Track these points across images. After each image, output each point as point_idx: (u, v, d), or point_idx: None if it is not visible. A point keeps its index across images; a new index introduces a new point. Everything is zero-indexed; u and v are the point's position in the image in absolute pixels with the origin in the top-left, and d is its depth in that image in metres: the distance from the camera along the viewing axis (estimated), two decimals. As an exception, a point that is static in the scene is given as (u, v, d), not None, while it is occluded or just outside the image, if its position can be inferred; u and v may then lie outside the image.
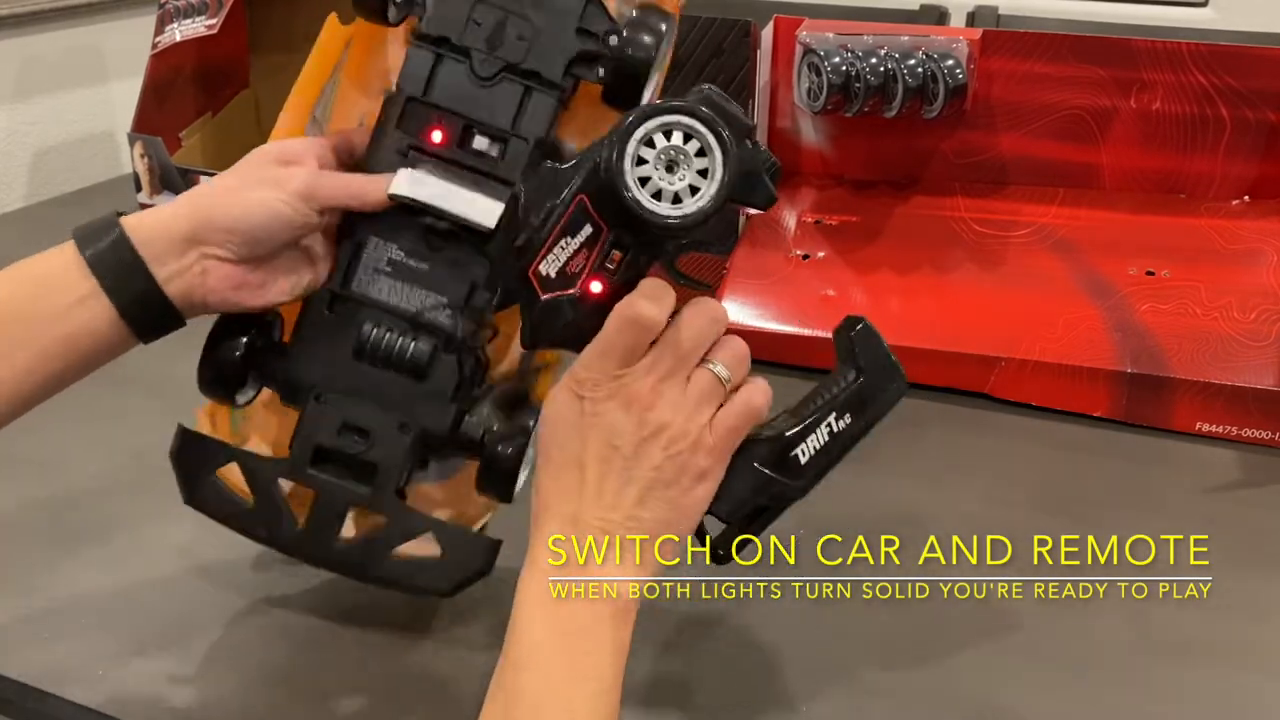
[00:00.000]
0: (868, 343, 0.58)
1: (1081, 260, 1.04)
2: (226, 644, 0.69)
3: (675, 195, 0.52)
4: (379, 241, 0.64)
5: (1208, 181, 1.04)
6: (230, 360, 0.64)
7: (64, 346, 0.59)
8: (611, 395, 0.53)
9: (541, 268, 0.54)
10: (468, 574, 0.65)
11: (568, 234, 0.54)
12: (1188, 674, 0.69)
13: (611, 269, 0.54)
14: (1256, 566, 0.79)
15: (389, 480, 0.64)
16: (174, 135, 1.39)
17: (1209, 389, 0.94)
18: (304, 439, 0.64)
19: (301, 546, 0.65)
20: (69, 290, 0.59)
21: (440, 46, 0.64)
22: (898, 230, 1.10)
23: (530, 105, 0.64)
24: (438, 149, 0.64)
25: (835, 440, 0.57)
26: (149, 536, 0.79)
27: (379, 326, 0.64)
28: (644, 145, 0.52)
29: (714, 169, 0.52)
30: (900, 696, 0.66)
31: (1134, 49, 1.02)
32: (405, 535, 0.64)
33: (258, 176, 0.61)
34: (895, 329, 1.05)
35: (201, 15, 1.33)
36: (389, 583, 0.66)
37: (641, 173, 0.52)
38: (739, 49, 1.09)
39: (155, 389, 0.65)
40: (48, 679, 0.66)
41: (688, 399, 0.54)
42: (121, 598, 0.73)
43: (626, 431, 0.53)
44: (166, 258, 0.60)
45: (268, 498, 0.65)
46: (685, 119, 0.52)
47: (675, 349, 0.54)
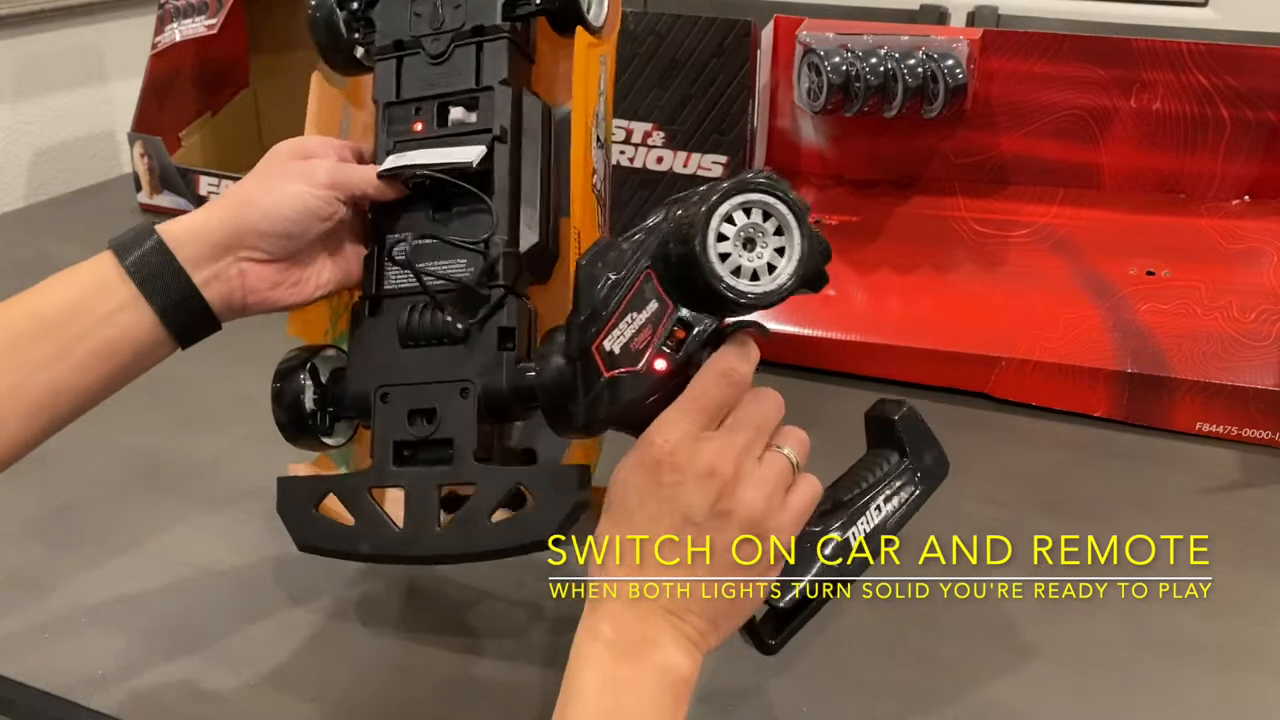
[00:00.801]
0: (914, 428, 0.58)
1: (1081, 260, 1.04)
2: (227, 645, 0.69)
3: (754, 273, 0.51)
4: (394, 238, 0.66)
5: (1208, 181, 1.04)
6: (297, 407, 0.65)
7: (104, 356, 0.59)
8: (691, 462, 0.50)
9: (606, 344, 0.52)
10: (566, 509, 0.60)
11: (633, 309, 0.52)
12: (1188, 674, 0.69)
13: (672, 348, 0.52)
14: (1256, 566, 0.79)
15: (466, 448, 0.62)
16: (174, 135, 1.39)
17: (1209, 389, 0.94)
18: (382, 440, 0.64)
19: (407, 547, 0.63)
20: (109, 298, 0.59)
21: (397, 51, 0.68)
22: (898, 230, 1.10)
23: (485, 58, 0.67)
24: (421, 135, 0.67)
25: (883, 523, 0.56)
26: (149, 538, 0.79)
27: (414, 310, 0.64)
28: (725, 222, 0.51)
29: (791, 247, 0.52)
30: (900, 696, 0.66)
31: (1134, 49, 1.02)
32: (496, 495, 0.61)
33: (283, 172, 0.63)
34: (895, 329, 1.06)
35: (201, 15, 1.33)
36: (500, 552, 0.62)
37: (722, 249, 0.51)
38: (739, 49, 1.09)
39: (157, 392, 0.64)
40: (49, 680, 0.66)
41: (766, 479, 0.52)
42: (122, 599, 0.73)
43: (703, 506, 0.50)
44: (204, 263, 0.61)
45: (364, 511, 0.63)
46: (767, 197, 0.51)
47: (751, 423, 0.52)
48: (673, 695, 0.50)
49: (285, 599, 0.73)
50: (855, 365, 1.03)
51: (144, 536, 0.79)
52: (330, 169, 0.63)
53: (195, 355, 0.65)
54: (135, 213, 1.41)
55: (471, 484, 0.63)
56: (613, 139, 0.89)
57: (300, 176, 0.62)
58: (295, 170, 0.63)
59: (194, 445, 0.90)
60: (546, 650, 0.69)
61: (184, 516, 0.82)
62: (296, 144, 0.65)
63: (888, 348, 1.01)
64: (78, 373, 0.59)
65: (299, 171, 0.63)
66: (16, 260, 1.24)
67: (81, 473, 0.86)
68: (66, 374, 0.58)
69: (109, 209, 1.44)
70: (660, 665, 0.50)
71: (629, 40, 1.13)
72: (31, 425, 0.58)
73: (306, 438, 0.66)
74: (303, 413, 0.65)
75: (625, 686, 0.49)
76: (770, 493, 0.52)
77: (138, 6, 1.63)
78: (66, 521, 0.81)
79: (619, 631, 0.50)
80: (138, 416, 0.90)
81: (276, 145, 0.65)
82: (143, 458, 0.88)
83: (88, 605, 0.72)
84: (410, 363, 0.64)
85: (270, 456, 0.73)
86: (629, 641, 0.50)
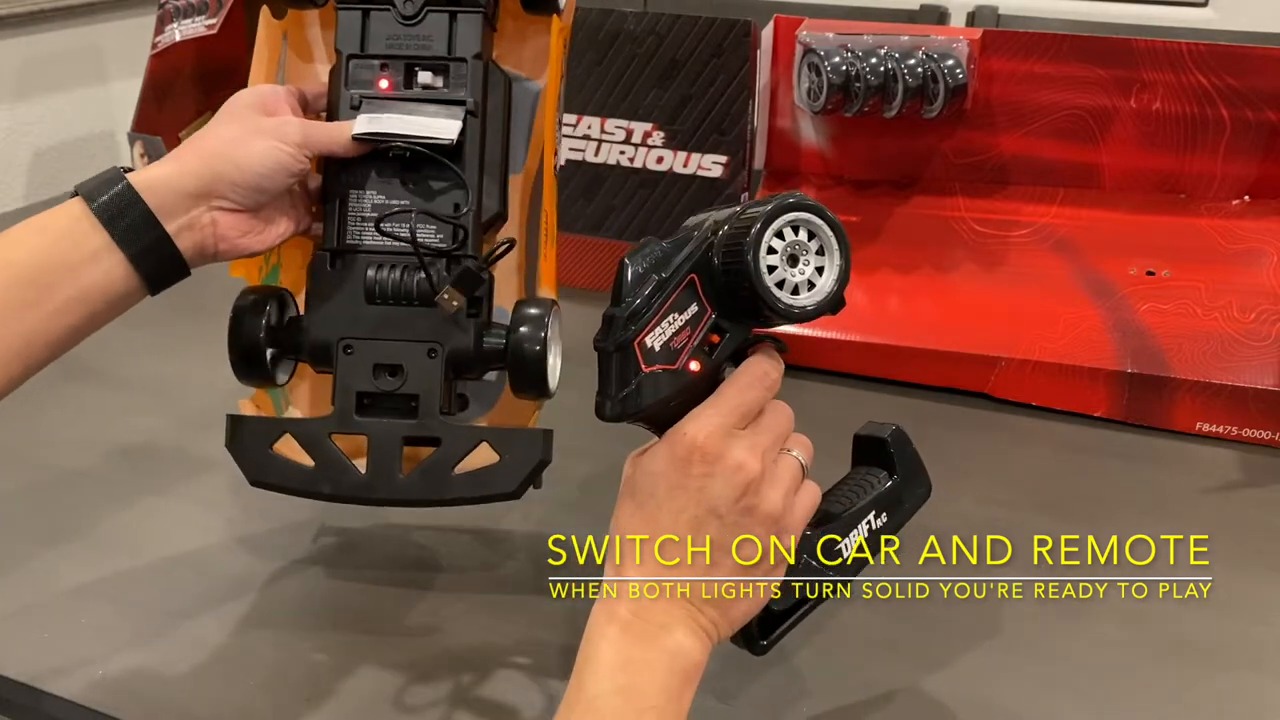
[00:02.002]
0: (903, 449, 0.61)
1: (1081, 260, 1.04)
2: (221, 640, 0.69)
3: (795, 287, 0.54)
4: (359, 193, 0.68)
5: (1208, 181, 1.04)
6: (255, 345, 0.67)
7: (76, 303, 0.59)
8: (722, 459, 0.52)
9: (648, 340, 0.54)
10: (530, 466, 0.67)
11: (675, 310, 0.54)
12: (1188, 674, 0.69)
13: (707, 351, 0.55)
14: (1256, 566, 0.79)
15: (432, 404, 0.66)
16: (174, 135, 1.39)
17: (1209, 389, 0.94)
18: (344, 390, 0.67)
19: (369, 491, 0.67)
20: (80, 246, 0.59)
21: (364, 2, 0.69)
22: (898, 230, 1.10)
23: (459, 28, 0.68)
24: (387, 94, 0.68)
25: (873, 537, 0.59)
26: (143, 534, 0.79)
27: (381, 268, 0.67)
28: (775, 237, 0.53)
29: (830, 265, 0.54)
30: (900, 696, 0.66)
31: (1134, 49, 1.02)
32: (460, 450, 0.66)
33: (255, 126, 0.64)
34: (895, 329, 1.06)
35: (201, 15, 1.33)
36: (461, 500, 0.68)
37: (770, 262, 0.53)
38: (739, 49, 1.09)
39: (145, 386, 0.65)
40: (44, 677, 0.66)
41: (783, 479, 0.54)
42: (117, 595, 0.73)
43: (729, 500, 0.52)
44: (176, 211, 0.61)
45: (326, 455, 0.66)
46: (814, 217, 0.54)
47: (774, 428, 0.55)
48: (682, 678, 0.52)
49: (281, 594, 0.73)
50: (855, 365, 1.03)
51: (138, 533, 0.79)
52: (301, 128, 0.64)
53: (184, 352, 0.64)
54: (135, 213, 1.41)
55: (436, 438, 0.66)
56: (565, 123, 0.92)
57: (271, 132, 0.64)
58: (267, 126, 0.64)
59: (185, 440, 0.90)
60: (544, 645, 0.69)
61: (178, 512, 0.82)
62: (256, 96, 0.66)
63: (888, 348, 1.01)
64: (50, 321, 0.59)
65: (269, 127, 0.64)
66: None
67: (76, 470, 0.86)
68: (39, 323, 0.58)
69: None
70: (673, 649, 0.52)
71: (629, 40, 1.13)
72: (4, 374, 0.58)
73: (257, 376, 0.69)
74: (260, 352, 0.68)
75: (639, 666, 0.51)
76: (786, 493, 0.54)
77: (138, 6, 1.63)
78: (61, 519, 0.80)
79: (636, 614, 0.52)
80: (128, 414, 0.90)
81: (235, 95, 0.66)
82: (135, 455, 0.88)
83: (84, 602, 0.72)
84: (377, 319, 0.67)
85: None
86: (645, 625, 0.52)
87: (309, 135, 0.64)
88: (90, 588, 0.74)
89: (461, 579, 0.75)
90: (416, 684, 0.66)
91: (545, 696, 0.65)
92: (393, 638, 0.70)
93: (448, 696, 0.66)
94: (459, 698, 0.66)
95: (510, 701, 0.65)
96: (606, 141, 1.16)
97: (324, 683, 0.66)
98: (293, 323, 0.69)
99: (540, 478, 0.67)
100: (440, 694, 0.66)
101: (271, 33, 0.74)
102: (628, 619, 0.52)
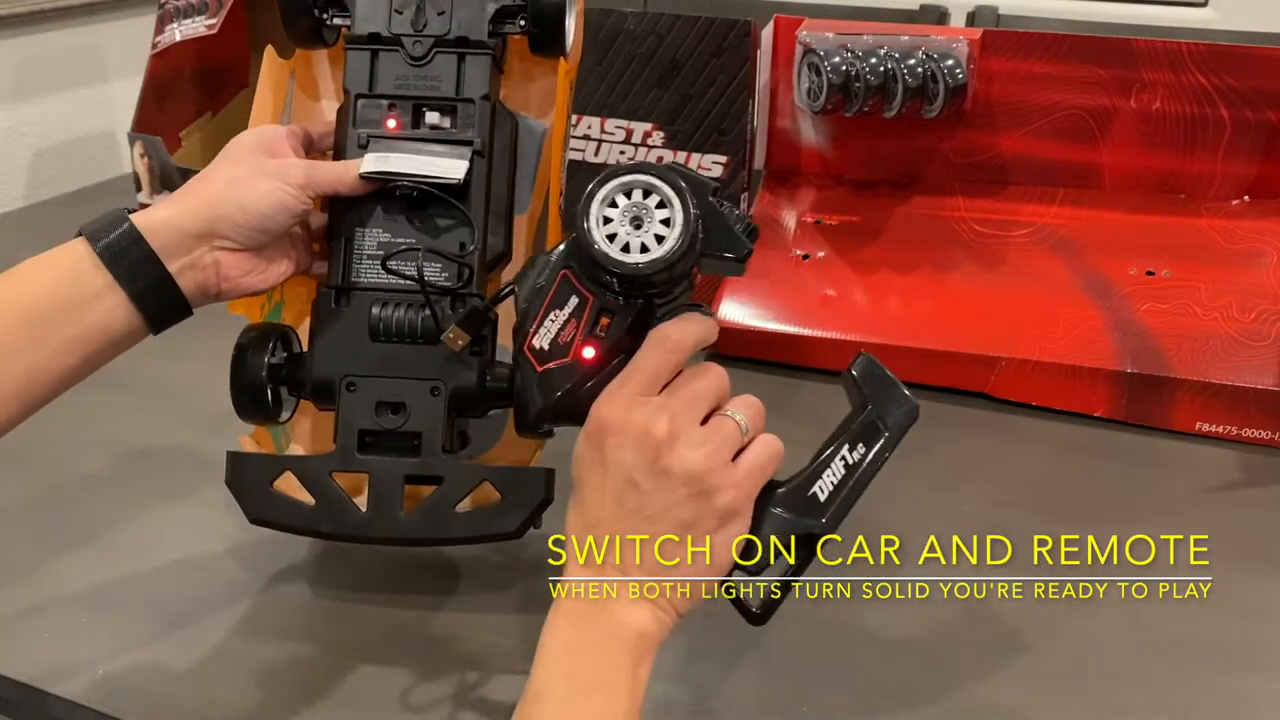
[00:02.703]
0: (869, 372, 0.58)
1: (1081, 260, 1.04)
2: (223, 641, 0.69)
3: (643, 246, 0.55)
4: (364, 231, 0.68)
5: (1208, 181, 1.04)
6: (258, 382, 0.68)
7: (79, 342, 0.60)
8: (627, 428, 0.53)
9: (535, 342, 0.56)
10: (532, 506, 0.67)
11: (555, 307, 0.56)
12: (1188, 674, 0.69)
13: (601, 335, 0.56)
14: (1256, 566, 0.79)
15: (435, 443, 0.67)
16: (174, 135, 1.39)
17: (1209, 389, 0.94)
18: (346, 428, 0.67)
19: (369, 530, 0.67)
20: (83, 286, 0.60)
21: (373, 43, 0.69)
22: (898, 230, 1.10)
23: (467, 69, 0.69)
24: (395, 133, 0.69)
25: (851, 472, 0.57)
26: (144, 536, 0.79)
27: (386, 306, 0.67)
28: (608, 206, 0.55)
29: (674, 217, 0.55)
30: (900, 696, 0.66)
31: (1134, 49, 1.02)
32: (462, 489, 0.67)
33: (259, 168, 0.64)
34: (895, 329, 1.06)
35: (201, 15, 1.33)
36: (463, 539, 0.69)
37: (609, 230, 0.55)
38: (739, 49, 1.09)
39: (148, 389, 0.65)
40: (46, 678, 0.66)
41: (707, 438, 0.54)
42: (119, 596, 0.73)
43: (642, 466, 0.52)
44: (178, 251, 0.62)
45: (326, 493, 0.67)
46: (642, 176, 0.55)
47: (687, 390, 0.55)
48: (632, 654, 0.52)
49: (282, 597, 0.73)
50: (855, 365, 1.03)
51: (139, 535, 0.79)
52: (304, 169, 0.65)
53: (187, 353, 0.65)
54: (135, 213, 1.41)
55: (438, 476, 0.67)
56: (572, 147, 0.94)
57: (275, 173, 0.64)
58: (270, 168, 0.64)
59: (186, 443, 0.90)
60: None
61: (178, 515, 0.82)
62: (258, 138, 0.66)
63: (888, 348, 1.01)
64: (52, 359, 0.59)
65: (273, 169, 0.64)
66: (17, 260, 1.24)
67: (78, 473, 0.86)
68: (40, 361, 0.59)
69: (109, 209, 1.44)
70: (612, 625, 0.52)
71: (629, 40, 1.13)
72: (4, 411, 0.59)
73: (260, 414, 0.69)
74: (263, 390, 0.68)
75: (581, 647, 0.52)
76: (711, 451, 0.53)
77: (138, 6, 1.63)
78: (62, 521, 0.81)
79: (575, 598, 0.53)
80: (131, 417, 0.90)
81: (238, 138, 0.67)
82: (138, 457, 0.88)
83: (86, 603, 0.72)
84: (380, 357, 0.67)
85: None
86: (585, 607, 0.53)
87: (312, 176, 0.65)
88: (91, 588, 0.74)
89: (461, 581, 0.75)
90: (416, 684, 0.66)
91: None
92: (393, 639, 0.70)
93: (448, 697, 0.66)
94: (459, 698, 0.66)
95: (511, 702, 0.65)
96: (606, 141, 1.17)
97: (324, 683, 0.66)
98: (295, 360, 0.69)
99: (540, 518, 0.67)
100: (440, 694, 0.66)
101: (277, 72, 0.75)
102: (569, 607, 0.53)
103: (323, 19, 0.71)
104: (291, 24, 0.71)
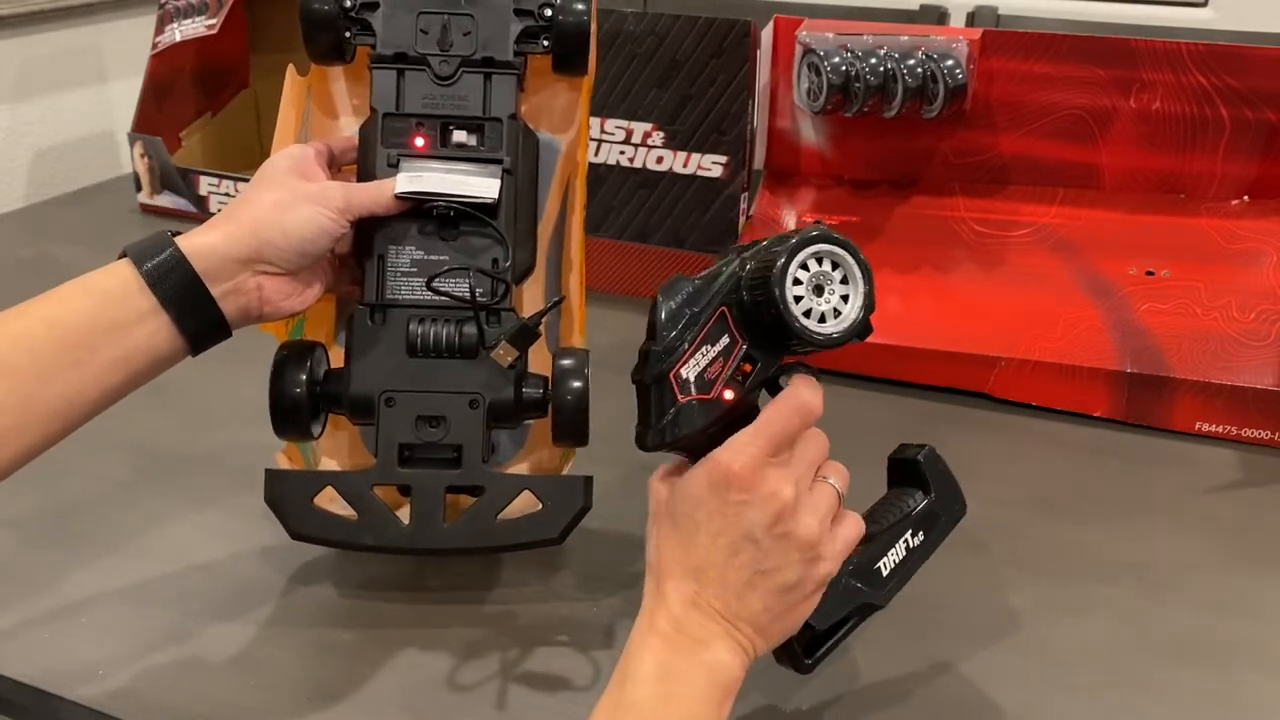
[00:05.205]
0: (935, 466, 0.63)
1: (1081, 260, 1.04)
2: (227, 644, 0.69)
3: (821, 315, 0.56)
4: (398, 249, 0.70)
5: (1208, 181, 1.04)
6: (298, 400, 0.69)
7: (120, 364, 0.60)
8: (756, 486, 0.54)
9: (683, 372, 0.56)
10: (573, 513, 0.69)
11: (708, 343, 0.56)
12: (1188, 674, 0.69)
13: (740, 380, 0.56)
14: (1256, 566, 0.79)
15: (474, 454, 0.68)
16: (174, 135, 1.39)
17: (1209, 389, 0.94)
18: (387, 442, 0.68)
19: (413, 541, 0.68)
20: (127, 307, 0.60)
21: (399, 62, 0.70)
22: (898, 230, 1.10)
23: (493, 88, 0.70)
24: (423, 152, 0.69)
25: (911, 555, 0.61)
26: (150, 538, 0.79)
27: (423, 322, 0.69)
28: (800, 269, 0.56)
29: (854, 294, 0.57)
30: (900, 696, 0.66)
31: (1134, 49, 1.02)
32: (504, 499, 0.68)
33: (299, 192, 0.65)
34: (895, 329, 1.06)
35: (201, 15, 1.33)
36: (506, 547, 0.71)
37: (796, 292, 0.55)
38: (739, 49, 1.09)
39: (157, 391, 0.65)
40: (50, 680, 0.66)
41: (819, 507, 0.56)
42: (123, 598, 0.73)
43: (764, 525, 0.54)
44: (222, 276, 0.63)
45: (369, 506, 0.68)
46: (837, 249, 0.56)
47: (807, 456, 0.56)
48: (721, 691, 0.54)
49: (286, 599, 0.73)
50: (855, 365, 1.03)
51: (144, 537, 0.79)
52: (343, 192, 0.66)
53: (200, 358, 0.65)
54: (135, 213, 1.41)
55: (479, 487, 0.68)
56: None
57: (315, 198, 0.65)
58: (310, 192, 0.65)
59: (191, 443, 0.90)
60: (557, 653, 0.69)
61: (183, 517, 0.82)
62: (291, 161, 0.67)
63: (888, 348, 1.01)
64: (93, 380, 0.60)
65: (313, 193, 0.65)
66: (17, 260, 1.24)
67: (82, 474, 0.86)
68: (82, 382, 0.59)
69: (109, 209, 1.44)
70: (711, 663, 0.53)
71: (629, 40, 1.13)
72: (45, 431, 0.59)
73: (296, 430, 0.70)
74: (300, 405, 0.69)
75: (679, 676, 0.53)
76: (823, 519, 0.56)
77: (138, 6, 1.63)
78: (67, 522, 0.81)
79: (676, 628, 0.54)
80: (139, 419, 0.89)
81: (271, 160, 0.67)
82: (144, 460, 0.88)
83: (89, 606, 0.72)
84: (418, 372, 0.68)
85: (265, 455, 0.73)
86: (683, 638, 0.54)
87: (351, 200, 0.66)
88: (93, 589, 0.74)
89: (465, 581, 0.75)
90: (419, 685, 0.66)
91: (556, 704, 0.65)
92: (396, 639, 0.70)
93: (449, 697, 0.66)
94: (460, 699, 0.66)
95: (517, 705, 0.66)
96: (606, 141, 1.17)
97: (326, 683, 0.66)
98: (331, 376, 0.70)
99: None
100: (441, 694, 0.66)
101: (297, 90, 0.75)
102: (668, 632, 0.54)
103: (345, 37, 0.71)
104: (313, 41, 0.72)
